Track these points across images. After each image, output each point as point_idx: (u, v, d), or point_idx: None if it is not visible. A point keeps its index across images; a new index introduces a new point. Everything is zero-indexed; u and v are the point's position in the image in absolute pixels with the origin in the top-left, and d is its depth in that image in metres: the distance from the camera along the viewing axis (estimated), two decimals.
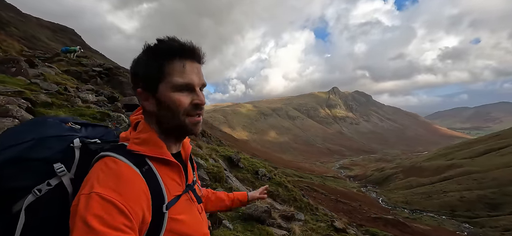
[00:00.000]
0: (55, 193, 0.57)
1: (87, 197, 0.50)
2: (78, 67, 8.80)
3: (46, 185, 0.56)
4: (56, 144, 0.61)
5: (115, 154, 0.59)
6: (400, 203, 52.14)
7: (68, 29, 43.37)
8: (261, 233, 3.16)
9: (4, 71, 4.65)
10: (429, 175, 63.99)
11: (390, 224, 27.68)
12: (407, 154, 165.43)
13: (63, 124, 0.69)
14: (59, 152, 0.61)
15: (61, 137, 0.64)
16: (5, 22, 26.78)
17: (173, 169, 0.67)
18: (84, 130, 0.72)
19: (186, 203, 0.69)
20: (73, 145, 0.63)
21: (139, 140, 0.64)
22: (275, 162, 75.57)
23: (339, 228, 5.61)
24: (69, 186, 0.59)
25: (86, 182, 0.54)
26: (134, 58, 0.68)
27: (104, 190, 0.51)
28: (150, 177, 0.60)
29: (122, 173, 0.55)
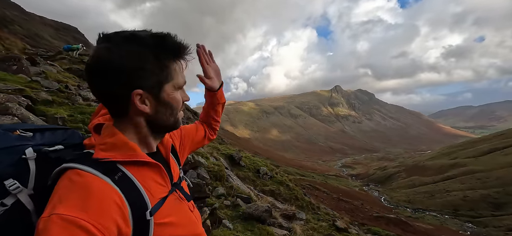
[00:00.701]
0: (13, 214, 0.49)
1: (47, 220, 0.43)
2: (80, 65, 8.81)
3: (0, 206, 0.48)
4: (3, 158, 0.52)
5: (79, 165, 0.51)
6: (403, 202, 51.91)
7: (71, 27, 43.59)
8: (262, 233, 3.12)
9: (6, 69, 4.65)
10: (432, 174, 63.58)
11: (392, 223, 27.57)
12: (410, 153, 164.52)
13: (9, 134, 0.58)
14: (9, 166, 0.52)
15: (9, 149, 0.54)
16: (9, 20, 26.98)
17: (153, 170, 0.61)
18: (40, 136, 0.63)
19: (174, 203, 0.64)
20: (26, 156, 0.54)
21: (105, 145, 0.57)
22: (277, 160, 75.57)
23: (341, 228, 5.57)
24: (28, 204, 0.51)
25: (49, 203, 0.47)
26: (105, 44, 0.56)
27: (66, 209, 0.44)
28: (125, 184, 0.53)
29: (88, 187, 0.48)
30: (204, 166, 4.55)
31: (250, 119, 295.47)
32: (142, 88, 0.57)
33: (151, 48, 0.57)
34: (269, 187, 7.28)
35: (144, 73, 0.57)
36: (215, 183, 4.33)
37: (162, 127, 0.65)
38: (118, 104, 0.59)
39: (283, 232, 3.45)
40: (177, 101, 0.64)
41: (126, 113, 0.60)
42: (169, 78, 0.61)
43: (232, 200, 3.83)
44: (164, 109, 0.62)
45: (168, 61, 0.60)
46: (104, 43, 0.56)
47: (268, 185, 7.40)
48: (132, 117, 0.60)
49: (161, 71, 0.59)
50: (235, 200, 3.81)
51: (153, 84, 0.59)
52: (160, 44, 0.58)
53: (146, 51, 0.57)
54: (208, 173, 4.37)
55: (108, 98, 0.58)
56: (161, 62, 0.59)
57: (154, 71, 0.58)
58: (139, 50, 0.56)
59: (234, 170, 7.22)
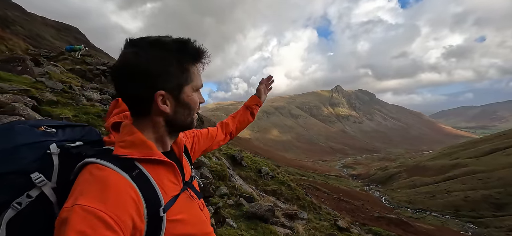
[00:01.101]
0: (38, 205, 0.53)
1: (69, 210, 0.47)
2: (82, 66, 8.87)
3: (26, 197, 0.52)
4: (29, 153, 0.56)
5: (100, 160, 0.54)
6: (404, 202, 51.81)
7: (72, 27, 43.73)
8: (265, 231, 3.16)
9: (10, 70, 4.70)
10: (433, 175, 63.42)
11: (393, 223, 27.55)
12: (411, 153, 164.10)
13: (34, 130, 0.62)
14: (34, 161, 0.55)
15: (35, 144, 0.58)
16: (11, 21, 27.09)
17: (167, 168, 0.65)
18: (61, 132, 0.66)
19: (186, 201, 0.66)
20: (50, 152, 0.58)
21: (125, 143, 0.61)
22: (278, 160, 75.57)
23: (343, 227, 5.59)
24: (51, 196, 0.55)
25: (70, 196, 0.50)
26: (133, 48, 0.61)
27: (87, 201, 0.47)
28: (141, 181, 0.56)
29: (107, 181, 0.52)
30: (207, 166, 4.59)
31: None
32: (165, 90, 0.61)
33: (174, 52, 0.62)
34: (271, 187, 7.31)
35: (167, 76, 0.61)
36: (218, 182, 4.36)
37: (179, 127, 0.69)
38: (141, 105, 0.63)
39: (286, 231, 3.48)
40: (194, 102, 0.68)
41: (147, 113, 0.64)
42: (188, 80, 0.65)
43: (235, 199, 3.86)
44: (183, 109, 0.66)
45: (188, 65, 0.65)
46: (131, 48, 0.61)
47: (270, 185, 7.43)
48: (152, 116, 0.64)
49: (182, 73, 0.64)
50: (238, 200, 3.85)
51: (175, 86, 0.63)
52: (182, 48, 0.63)
53: (170, 55, 0.62)
54: (211, 173, 4.41)
55: (133, 98, 0.63)
56: (182, 65, 0.64)
57: (176, 73, 0.63)
58: (163, 55, 0.61)
59: (236, 170, 7.25)
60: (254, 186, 6.88)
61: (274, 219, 3.79)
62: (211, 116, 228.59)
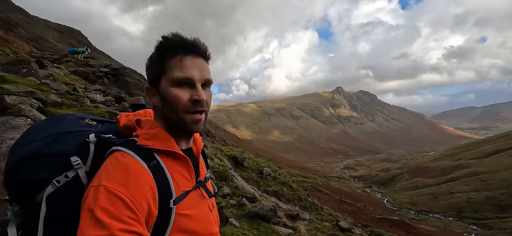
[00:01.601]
0: (72, 185, 0.60)
1: (96, 189, 0.53)
2: (85, 68, 8.95)
3: (64, 177, 0.60)
4: (72, 139, 0.65)
5: (125, 149, 0.62)
6: (406, 204, 51.54)
7: (74, 30, 44.00)
8: (267, 231, 3.18)
9: (16, 72, 4.76)
10: (436, 176, 63.07)
11: (396, 225, 27.43)
12: (413, 154, 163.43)
13: (80, 121, 0.73)
14: (75, 146, 0.64)
15: (77, 133, 0.67)
16: (14, 24, 27.31)
17: (181, 163, 0.68)
18: (101, 126, 0.76)
19: (196, 199, 0.69)
20: (89, 140, 0.66)
21: (148, 135, 0.66)
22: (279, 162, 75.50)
23: (345, 228, 5.59)
24: (84, 178, 0.62)
25: (97, 175, 0.57)
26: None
27: (111, 183, 0.54)
28: (157, 171, 0.62)
29: (129, 167, 0.58)
30: (210, 166, 4.62)
31: (252, 121, 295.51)
32: (150, 83, 0.70)
33: (158, 47, 0.68)
34: (273, 187, 7.32)
35: (151, 69, 0.69)
36: (221, 183, 4.39)
37: (171, 125, 0.69)
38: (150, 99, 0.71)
39: (288, 231, 3.50)
40: (172, 97, 0.66)
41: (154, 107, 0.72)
42: (164, 72, 0.67)
43: (237, 199, 3.89)
44: (166, 104, 0.68)
45: (167, 57, 0.66)
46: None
47: (272, 185, 7.44)
48: (155, 111, 0.72)
49: (159, 65, 0.67)
50: (240, 200, 3.87)
51: (152, 78, 0.69)
52: (163, 40, 0.67)
53: (156, 50, 0.68)
54: (213, 174, 4.44)
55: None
56: (161, 57, 0.67)
57: (155, 66, 0.68)
58: (154, 52, 0.69)
59: (238, 170, 7.28)
60: (256, 187, 6.90)
61: (276, 219, 3.81)
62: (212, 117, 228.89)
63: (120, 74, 9.57)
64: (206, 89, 0.71)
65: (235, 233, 2.73)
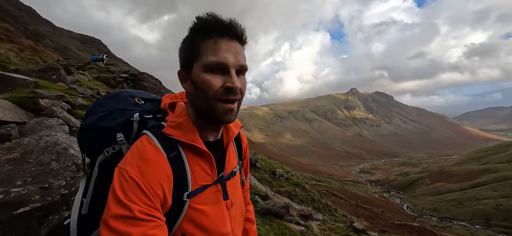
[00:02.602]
0: (117, 157, 0.63)
1: (119, 170, 0.57)
2: (107, 74, 9.50)
3: (112, 149, 0.67)
4: (120, 116, 0.70)
5: (151, 134, 0.63)
6: (427, 210, 49.07)
7: (95, 39, 46.64)
8: (280, 227, 3.24)
9: (47, 78, 5.19)
10: (460, 181, 59.63)
11: (416, 231, 26.13)
12: (434, 158, 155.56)
13: (130, 99, 0.77)
14: (121, 123, 0.69)
15: (125, 111, 0.72)
16: (41, 35, 29.44)
17: (203, 158, 0.67)
18: (148, 104, 0.78)
19: (213, 195, 0.67)
20: (133, 119, 0.70)
21: (174, 123, 0.66)
22: (292, 165, 74.68)
23: (359, 229, 5.49)
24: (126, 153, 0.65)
25: (126, 154, 0.60)
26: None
27: (131, 167, 0.56)
28: (176, 162, 0.62)
29: (149, 153, 0.59)
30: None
31: (264, 124, 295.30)
32: (182, 68, 0.67)
33: (191, 28, 0.62)
34: (285, 188, 7.35)
35: (183, 54, 0.65)
36: None
37: (201, 113, 0.66)
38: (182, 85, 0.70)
39: (300, 228, 3.53)
40: (204, 83, 0.60)
41: (186, 93, 0.71)
42: (197, 56, 0.61)
43: (250, 197, 3.98)
44: (198, 91, 0.62)
45: (199, 40, 0.61)
46: None
47: (284, 186, 7.46)
48: (187, 98, 0.71)
49: (192, 48, 0.62)
50: (253, 197, 3.95)
51: (185, 63, 0.65)
52: (197, 21, 0.61)
53: (190, 31, 0.63)
54: None
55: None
56: (193, 39, 0.61)
57: (187, 50, 0.63)
58: (186, 35, 0.64)
59: (251, 171, 7.38)
60: (269, 187, 6.96)
61: (289, 216, 3.86)
62: None
63: (138, 79, 10.06)
64: (241, 76, 0.64)
65: None
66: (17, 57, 7.53)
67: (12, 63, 6.80)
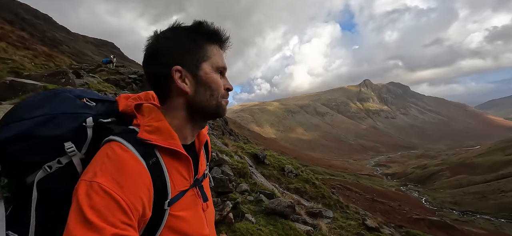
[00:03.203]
0: (65, 172, 0.55)
1: (88, 185, 0.48)
2: (116, 76, 9.71)
3: (57, 163, 0.55)
4: (68, 122, 0.58)
5: (124, 141, 0.55)
6: (448, 203, 47.15)
7: (108, 42, 48.23)
8: (284, 227, 3.12)
9: (56, 82, 5.34)
10: (483, 173, 56.74)
11: (435, 226, 25.16)
12: (455, 149, 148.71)
13: (77, 100, 0.64)
14: (71, 131, 0.57)
15: (74, 115, 0.60)
16: (59, 42, 30.72)
17: (182, 162, 0.63)
18: (101, 105, 0.67)
19: (190, 199, 0.65)
20: (86, 125, 0.59)
21: (151, 127, 0.60)
22: (305, 160, 74.06)
23: (371, 227, 5.27)
24: (78, 166, 0.57)
25: (90, 167, 0.52)
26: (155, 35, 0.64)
27: (106, 180, 0.49)
28: (156, 171, 0.57)
29: (127, 164, 0.53)
30: (228, 163, 4.69)
31: (276, 119, 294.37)
32: (182, 66, 0.62)
33: (189, 31, 0.64)
34: (294, 185, 7.20)
35: (184, 52, 0.62)
36: (239, 179, 4.43)
37: (202, 110, 0.65)
38: (161, 84, 0.63)
39: (307, 228, 3.40)
40: (216, 83, 0.65)
41: (167, 96, 0.64)
42: (205, 57, 0.64)
43: (255, 195, 3.89)
44: (204, 89, 0.63)
45: (204, 42, 0.64)
46: (153, 35, 0.65)
47: (293, 183, 7.32)
48: (172, 99, 0.63)
49: (198, 49, 0.63)
50: (258, 196, 3.86)
51: (191, 62, 0.63)
52: (197, 27, 0.64)
53: (186, 33, 0.64)
54: (232, 170, 4.50)
55: (155, 79, 0.64)
56: (197, 42, 0.64)
57: (192, 50, 0.63)
58: (179, 33, 0.64)
59: (259, 168, 7.29)
60: (278, 184, 6.84)
61: (295, 215, 3.73)
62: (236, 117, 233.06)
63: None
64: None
65: (250, 229, 2.73)
66: (32, 63, 7.86)
67: (26, 69, 7.09)
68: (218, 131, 12.64)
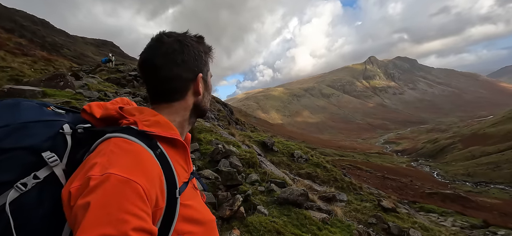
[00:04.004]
0: (46, 187, 0.49)
1: (101, 178, 0.45)
2: (116, 74, 9.58)
3: (33, 178, 0.48)
4: (42, 130, 0.52)
5: (126, 135, 0.54)
6: (461, 176, 46.46)
7: (108, 42, 48.08)
8: (299, 217, 2.98)
9: (55, 86, 5.22)
10: (496, 142, 55.33)
11: (449, 199, 24.88)
12: (466, 121, 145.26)
13: (43, 108, 0.59)
14: (47, 139, 0.52)
15: (48, 122, 0.55)
16: (59, 46, 30.72)
17: (180, 153, 0.66)
18: (72, 115, 0.64)
19: (191, 189, 0.68)
20: (64, 131, 0.55)
21: (149, 122, 0.61)
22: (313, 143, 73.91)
23: (388, 208, 5.10)
24: (62, 177, 0.51)
25: (92, 164, 0.48)
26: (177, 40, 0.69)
27: (120, 171, 0.46)
28: (163, 161, 0.57)
29: (138, 154, 0.51)
30: (236, 154, 4.54)
31: (281, 104, 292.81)
32: (202, 73, 0.72)
33: (201, 44, 0.74)
34: (305, 170, 7.05)
35: (202, 62, 0.73)
36: (248, 170, 4.29)
37: (200, 111, 0.76)
38: (181, 87, 0.69)
39: (322, 215, 3.25)
40: (211, 85, 0.79)
41: (181, 97, 0.70)
42: (208, 67, 0.77)
43: (266, 185, 3.74)
44: (207, 93, 0.77)
45: (208, 57, 0.77)
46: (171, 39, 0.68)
47: (304, 168, 7.17)
48: (185, 100, 0.71)
49: (207, 62, 0.76)
50: (269, 186, 3.72)
51: (206, 71, 0.75)
52: (203, 42, 0.76)
53: (199, 46, 0.74)
54: (240, 161, 4.35)
55: (175, 81, 0.67)
56: (206, 55, 0.76)
57: (206, 61, 0.75)
58: (194, 44, 0.72)
59: (268, 156, 7.15)
60: (288, 171, 6.71)
61: (309, 203, 3.58)
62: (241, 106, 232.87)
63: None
64: None
65: (263, 222, 2.59)
66: (31, 68, 7.78)
67: (26, 75, 7.01)
68: (224, 121, 12.50)
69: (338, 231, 3.01)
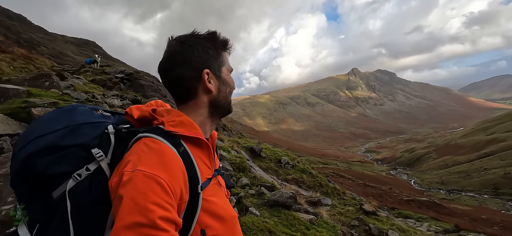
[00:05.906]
0: (94, 178, 0.59)
1: (131, 174, 0.52)
2: (102, 76, 9.33)
3: (85, 170, 0.58)
4: (91, 130, 0.63)
5: (154, 135, 0.61)
6: (435, 184, 49.19)
7: (90, 41, 46.22)
8: (288, 218, 3.14)
9: (39, 86, 5.05)
10: (467, 152, 59.41)
11: (425, 206, 26.24)
12: (440, 131, 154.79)
13: (94, 112, 0.71)
14: (95, 138, 0.62)
15: (95, 124, 0.65)
16: (36, 43, 29.15)
17: (203, 151, 0.70)
18: (117, 117, 0.75)
19: (215, 186, 0.71)
20: (108, 131, 0.65)
21: (174, 122, 0.67)
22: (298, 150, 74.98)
23: (369, 211, 5.41)
24: (107, 170, 0.61)
25: (127, 161, 0.56)
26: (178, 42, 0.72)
27: (147, 167, 0.53)
28: (186, 158, 0.63)
29: (163, 152, 0.58)
30: (227, 159, 4.65)
31: (267, 112, 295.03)
32: (209, 68, 0.72)
33: (209, 40, 0.74)
34: (292, 175, 7.26)
35: (209, 57, 0.73)
36: (239, 174, 4.40)
37: (221, 107, 0.76)
38: (190, 87, 0.72)
39: (309, 217, 3.43)
40: (232, 81, 0.79)
41: (194, 96, 0.73)
42: (224, 62, 0.77)
43: (256, 189, 3.88)
44: (224, 87, 0.76)
45: (221, 50, 0.77)
46: (174, 41, 0.73)
47: (291, 174, 7.37)
48: (198, 98, 0.73)
49: (218, 56, 0.76)
50: (259, 189, 3.85)
51: (216, 66, 0.74)
52: (214, 37, 0.75)
53: (207, 42, 0.74)
54: (231, 165, 4.46)
55: (182, 81, 0.71)
56: (217, 50, 0.76)
57: (214, 56, 0.75)
58: (202, 42, 0.73)
59: (256, 161, 7.28)
60: (275, 176, 6.87)
61: (297, 206, 3.76)
62: None
63: (134, 78, 9.87)
64: None
65: (255, 222, 2.72)
66: (10, 66, 7.41)
67: (5, 73, 6.67)
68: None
69: (325, 231, 3.19)
